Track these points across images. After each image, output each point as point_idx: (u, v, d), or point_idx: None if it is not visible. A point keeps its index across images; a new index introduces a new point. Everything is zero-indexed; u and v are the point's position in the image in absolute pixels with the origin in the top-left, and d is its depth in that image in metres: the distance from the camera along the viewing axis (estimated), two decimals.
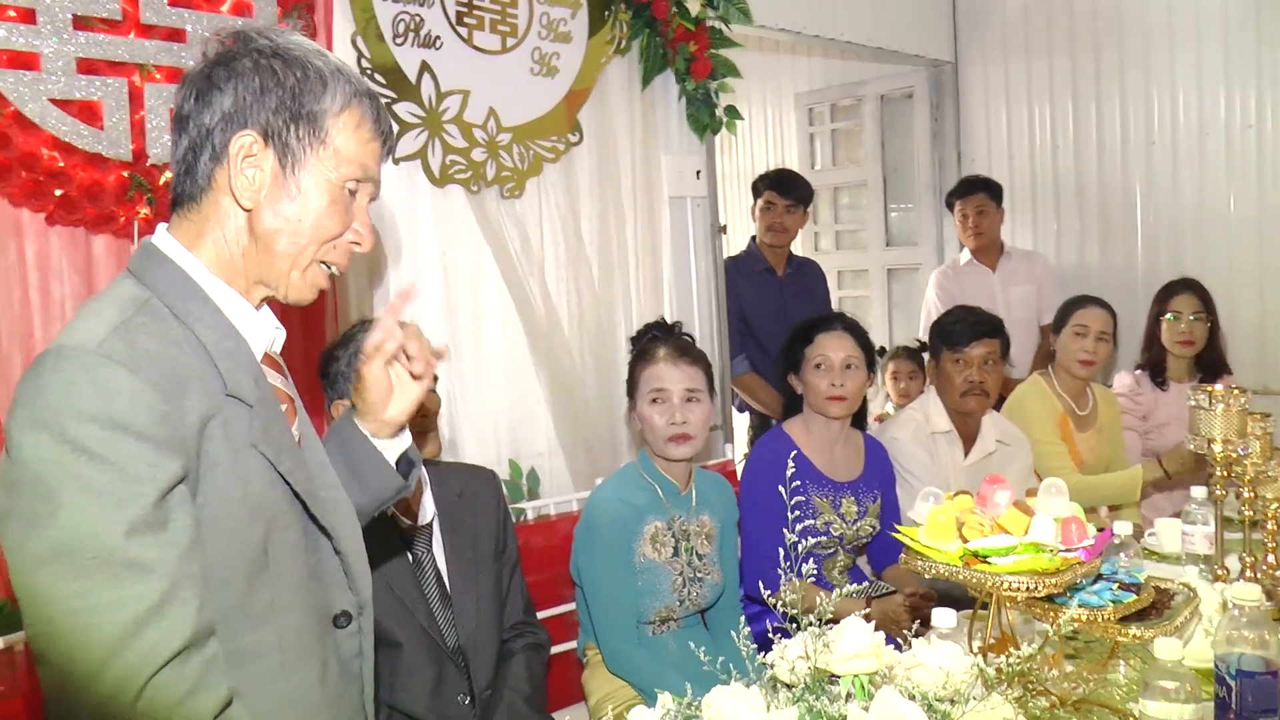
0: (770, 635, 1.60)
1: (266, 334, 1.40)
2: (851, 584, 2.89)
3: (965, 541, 1.68)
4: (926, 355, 4.16)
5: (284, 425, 1.37)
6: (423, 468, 2.33)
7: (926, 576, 1.72)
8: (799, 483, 2.76)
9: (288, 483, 1.34)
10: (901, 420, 3.19)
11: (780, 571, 1.56)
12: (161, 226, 1.37)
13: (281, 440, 1.34)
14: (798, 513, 1.56)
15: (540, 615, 2.58)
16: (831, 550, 2.80)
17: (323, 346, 2.68)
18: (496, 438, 3.26)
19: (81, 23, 2.31)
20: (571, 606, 2.77)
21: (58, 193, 2.29)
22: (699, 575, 2.52)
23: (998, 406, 3.41)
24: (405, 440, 1.64)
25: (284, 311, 2.60)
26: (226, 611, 1.26)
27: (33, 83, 2.25)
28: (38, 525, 1.13)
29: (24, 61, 2.25)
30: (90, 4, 2.33)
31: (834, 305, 5.76)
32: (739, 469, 3.35)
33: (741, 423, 4.53)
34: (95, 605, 1.12)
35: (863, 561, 3.01)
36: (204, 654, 1.19)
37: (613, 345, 3.51)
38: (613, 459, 3.44)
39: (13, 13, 2.24)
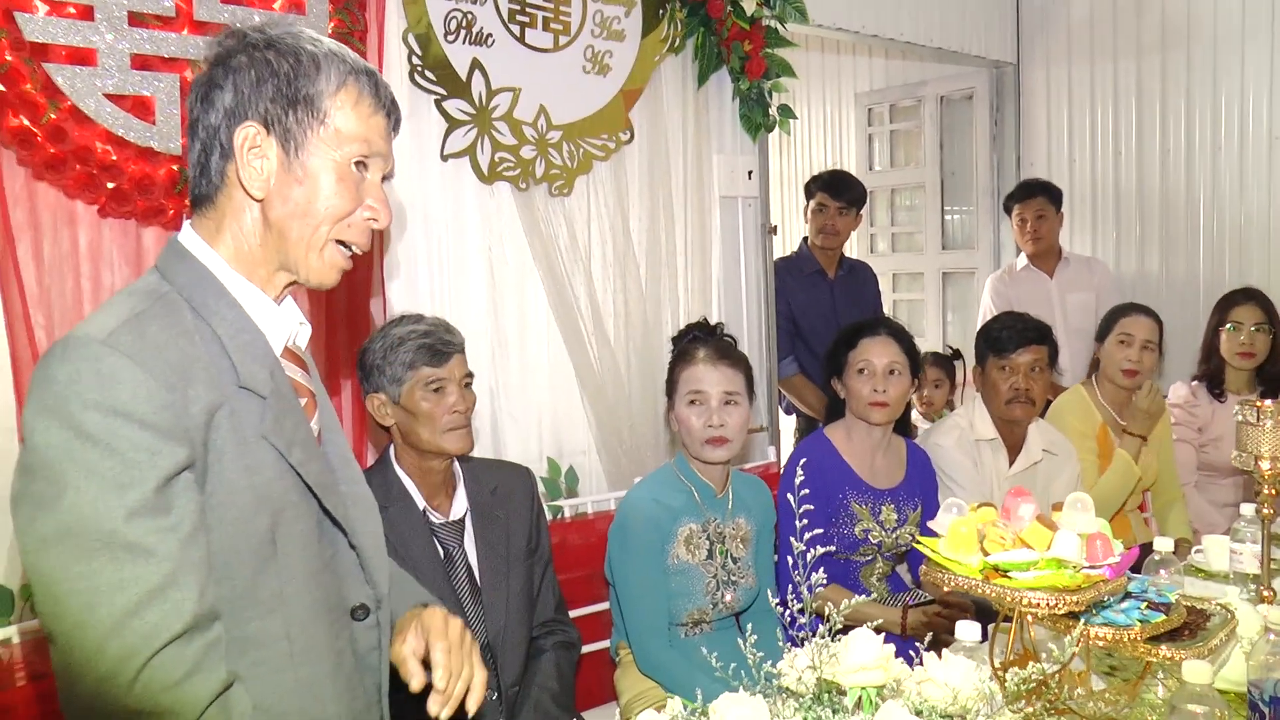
0: (780, 644, 1.59)
1: (286, 328, 1.42)
2: (891, 592, 2.87)
3: (986, 555, 1.65)
4: (958, 362, 4.12)
5: (300, 418, 1.40)
6: (456, 462, 2.36)
7: (945, 589, 1.70)
8: (839, 489, 2.75)
9: (299, 475, 1.36)
10: (946, 427, 3.16)
11: (796, 579, 1.56)
12: (186, 223, 1.41)
13: (295, 433, 1.37)
14: (805, 520, 1.55)
15: (575, 614, 2.60)
16: (870, 557, 2.78)
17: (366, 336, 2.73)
18: (539, 435, 3.27)
19: (137, 19, 2.36)
20: (605, 606, 2.78)
21: (110, 185, 2.34)
22: (733, 579, 2.52)
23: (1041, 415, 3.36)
24: None
25: (329, 302, 2.67)
26: (232, 599, 1.29)
27: (89, 78, 2.31)
28: (44, 508, 1.17)
29: (81, 57, 2.31)
30: (146, 1, 2.38)
31: (888, 308, 5.73)
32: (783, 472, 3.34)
33: (788, 425, 4.50)
34: (96, 586, 1.16)
35: (903, 569, 2.98)
36: (206, 638, 1.22)
37: (658, 345, 3.50)
38: (654, 459, 3.44)
39: (72, 9, 2.29)
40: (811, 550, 1.50)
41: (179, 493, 1.22)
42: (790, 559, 2.63)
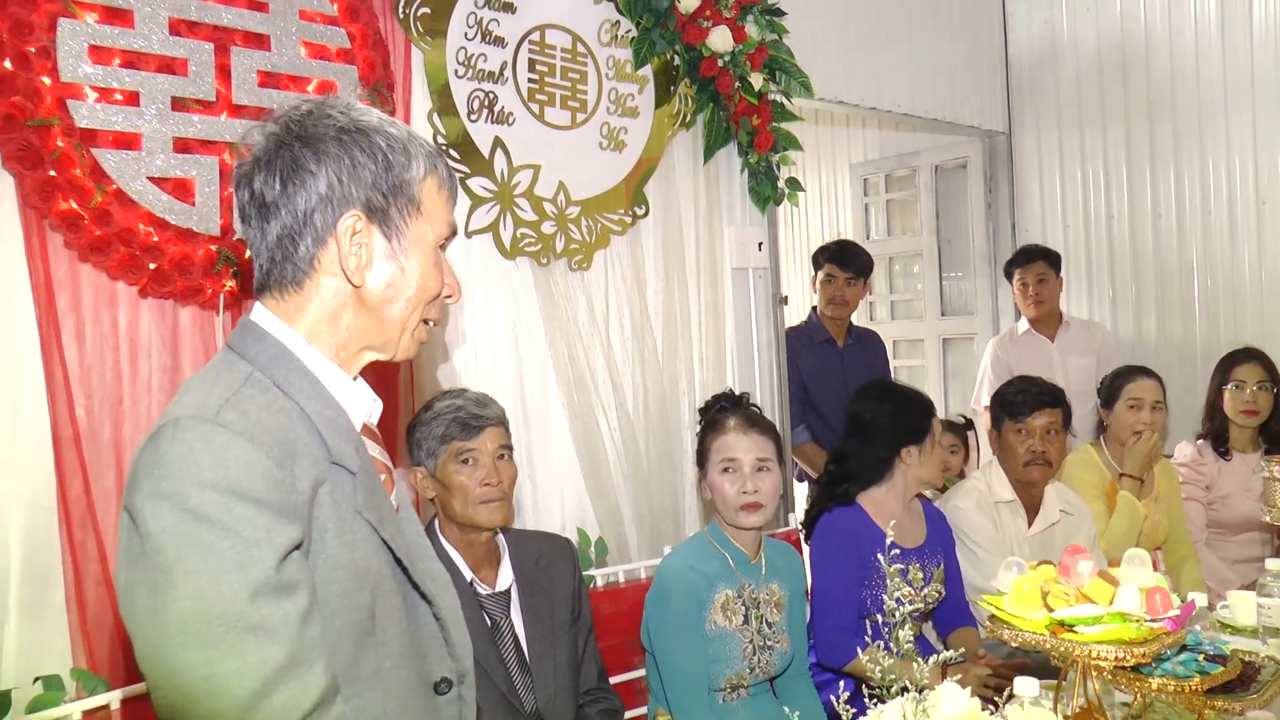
0: (839, 706, 1.61)
1: (364, 404, 1.44)
2: (920, 652, 2.88)
3: (1050, 610, 1.69)
4: (970, 431, 4.17)
5: (384, 493, 1.41)
6: (500, 534, 2.38)
7: (1013, 645, 1.73)
8: (871, 552, 2.77)
9: (390, 548, 1.36)
10: (964, 489, 3.20)
11: (867, 639, 1.58)
12: (258, 304, 1.41)
13: (382, 508, 1.38)
14: (871, 582, 1.57)
15: (613, 680, 2.59)
16: (901, 620, 2.80)
17: (396, 412, 2.76)
18: (563, 505, 3.29)
19: (179, 104, 2.42)
20: (640, 673, 2.78)
21: (152, 266, 2.38)
22: (768, 643, 2.53)
23: None
24: None
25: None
26: (337, 676, 1.28)
27: (134, 161, 2.36)
28: (161, 594, 1.16)
29: (126, 141, 2.36)
30: (188, 86, 2.44)
31: (891, 375, 5.79)
32: (802, 538, 3.35)
33: (800, 493, 4.52)
34: (224, 671, 1.15)
35: (928, 628, 3.00)
36: (331, 714, 1.22)
37: (675, 415, 3.55)
38: (675, 528, 3.47)
39: (119, 96, 2.35)
40: (902, 607, 1.52)
41: (294, 570, 1.22)
42: (831, 620, 2.69)
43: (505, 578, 2.34)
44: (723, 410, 2.64)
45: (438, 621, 1.47)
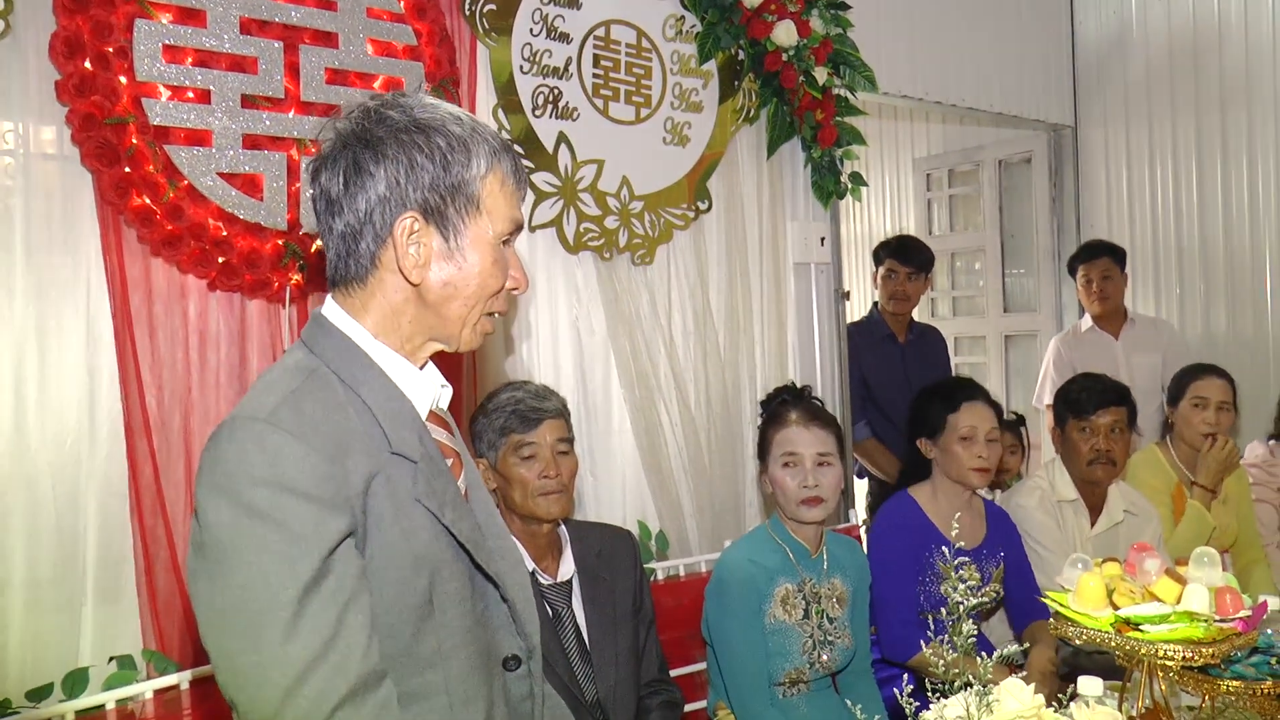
0: (902, 700, 1.60)
1: (430, 392, 1.47)
2: (980, 651, 2.86)
3: (1116, 608, 1.66)
4: (1023, 427, 4.11)
5: (448, 479, 1.44)
6: (562, 525, 2.40)
7: (1078, 642, 1.71)
8: (925, 548, 2.76)
9: (452, 534, 1.40)
10: (1027, 488, 3.16)
11: (928, 634, 1.57)
12: (329, 298, 1.45)
13: (445, 493, 1.41)
14: (925, 578, 1.56)
15: (675, 673, 2.61)
16: (956, 616, 2.78)
17: (460, 404, 2.79)
18: (624, 499, 3.31)
19: (249, 102, 2.47)
20: (701, 666, 2.79)
21: (220, 260, 2.43)
22: (829, 638, 2.52)
23: None
24: None
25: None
26: (395, 656, 1.34)
27: (204, 158, 2.41)
28: (216, 582, 1.23)
29: (198, 139, 2.41)
30: (258, 84, 2.49)
31: (952, 372, 5.73)
32: (862, 533, 3.34)
33: (860, 489, 4.50)
34: (267, 659, 1.21)
35: (986, 627, 2.98)
36: (377, 697, 1.26)
37: (737, 410, 3.55)
38: (736, 522, 3.47)
39: (191, 94, 2.40)
40: (964, 603, 1.52)
41: (340, 560, 1.26)
42: (894, 615, 2.68)
43: (567, 568, 2.36)
44: (784, 403, 2.63)
45: (505, 602, 1.50)
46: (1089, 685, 1.60)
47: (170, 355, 2.44)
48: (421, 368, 1.47)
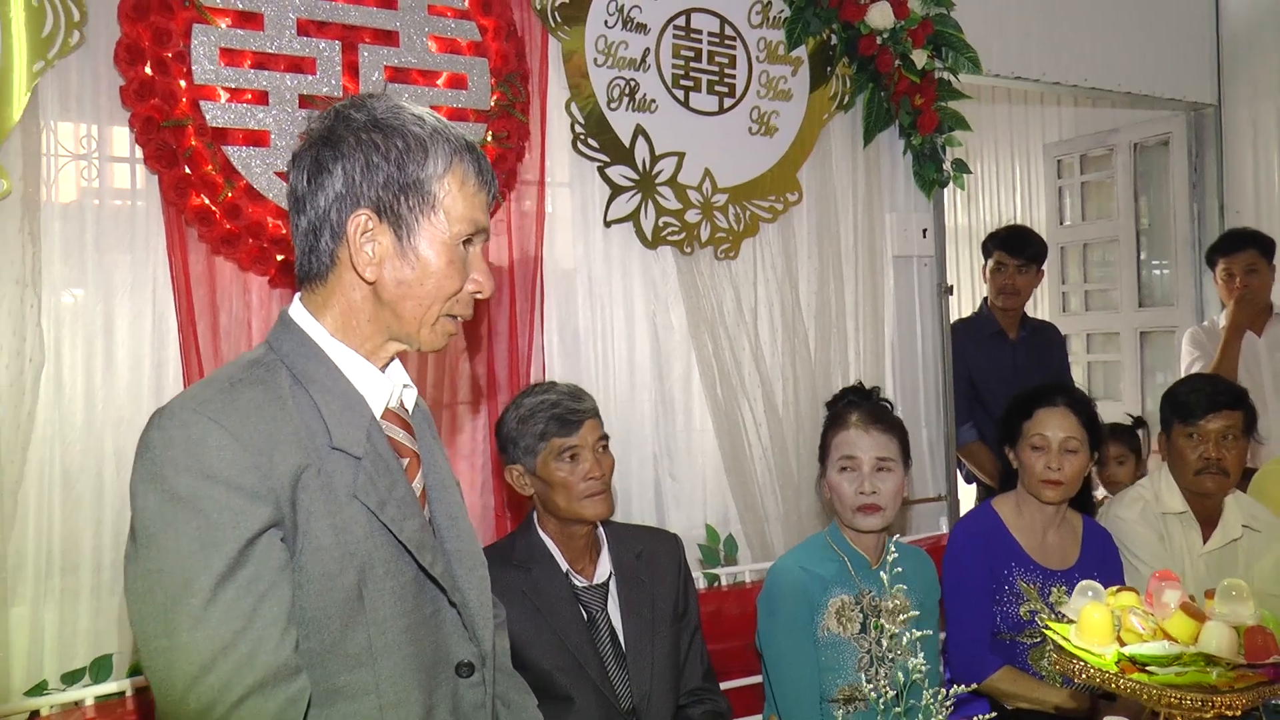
0: None
1: (386, 390, 1.46)
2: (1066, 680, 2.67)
3: (1122, 645, 1.50)
4: (1141, 431, 3.80)
5: (397, 478, 1.43)
6: (600, 527, 2.34)
7: (1078, 681, 1.55)
8: (1004, 565, 2.58)
9: (392, 533, 1.39)
10: (1128, 499, 2.89)
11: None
12: (296, 296, 1.47)
13: (390, 492, 1.40)
14: (1002, 596, 1.43)
15: (730, 684, 2.54)
16: (1039, 640, 2.59)
17: None
18: (704, 501, 3.23)
19: (306, 101, 2.48)
20: (761, 677, 2.69)
21: (279, 258, 2.46)
22: (889, 655, 2.38)
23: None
24: None
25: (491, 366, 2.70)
26: (321, 652, 1.34)
27: (262, 158, 2.43)
28: (139, 565, 1.25)
29: (255, 139, 2.44)
30: (316, 84, 2.50)
31: (1081, 371, 5.43)
32: None
33: (968, 495, 4.28)
34: (176, 643, 1.21)
35: None
36: (288, 690, 1.26)
37: None
38: (821, 528, 3.34)
39: (249, 95, 2.43)
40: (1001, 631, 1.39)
41: (261, 550, 1.26)
42: (965, 634, 2.52)
43: (604, 570, 2.31)
44: (849, 405, 2.51)
45: (454, 607, 1.48)
46: None
47: (232, 350, 2.49)
48: (384, 367, 1.48)
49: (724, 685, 2.52)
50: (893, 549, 1.69)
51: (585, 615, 2.23)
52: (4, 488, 2.25)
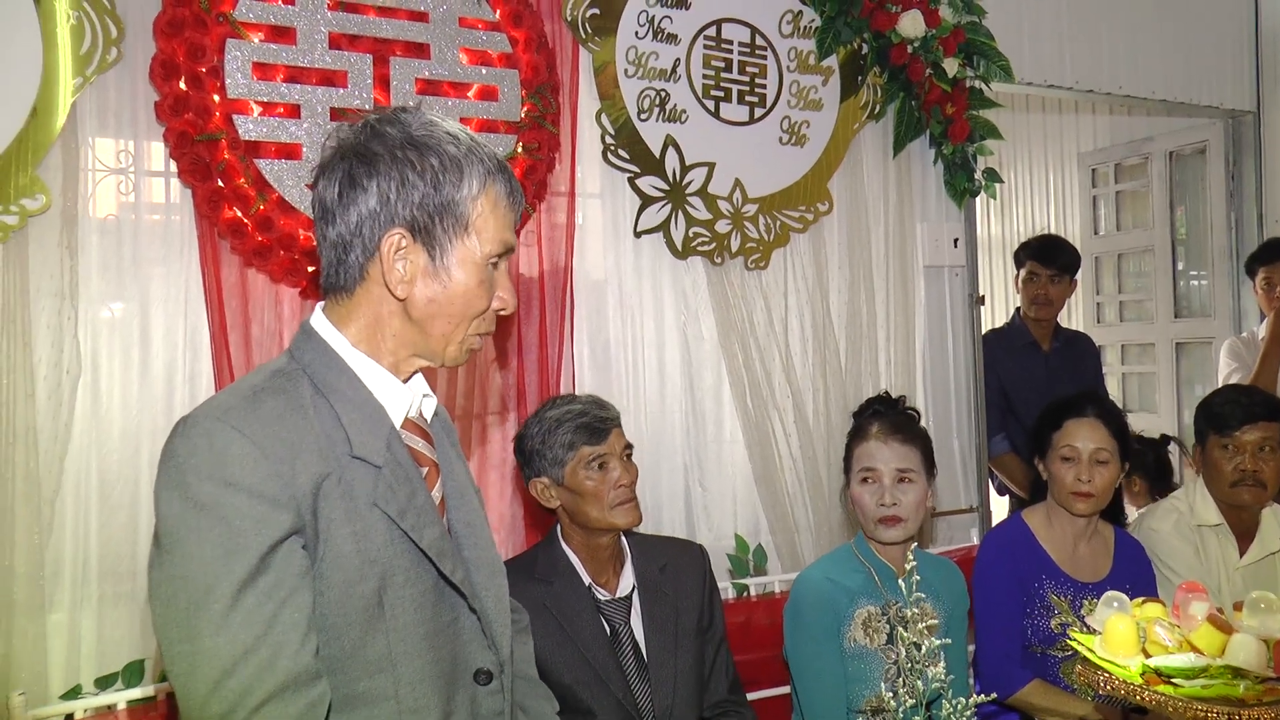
0: None
1: (406, 400, 1.48)
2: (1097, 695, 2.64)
3: (1147, 657, 1.48)
4: (1170, 450, 3.73)
5: (418, 487, 1.44)
6: (624, 539, 2.33)
7: (1102, 693, 1.53)
8: (1035, 578, 2.55)
9: (412, 540, 1.40)
10: (1162, 511, 2.87)
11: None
12: (318, 307, 1.48)
13: (410, 500, 1.41)
14: (1033, 610, 1.41)
15: (759, 695, 2.53)
16: (1070, 653, 2.57)
17: None
18: (735, 511, 3.22)
19: (338, 114, 2.50)
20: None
21: (310, 269, 2.47)
22: (917, 667, 2.37)
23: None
24: None
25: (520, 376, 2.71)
26: (341, 658, 1.35)
27: (294, 170, 2.46)
28: (162, 572, 1.27)
29: (287, 152, 2.47)
30: (347, 97, 2.52)
31: (1116, 382, 5.37)
32: None
33: (1000, 507, 4.24)
34: (199, 649, 1.23)
35: None
36: (308, 696, 1.27)
37: None
38: (851, 538, 3.33)
39: (281, 109, 2.46)
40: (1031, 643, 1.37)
41: (282, 557, 1.28)
42: (994, 648, 2.50)
43: (627, 583, 2.30)
44: (872, 416, 2.50)
45: (474, 613, 1.49)
46: None
47: (264, 361, 2.49)
48: (407, 380, 1.49)
49: (753, 696, 2.51)
50: (912, 557, 1.67)
51: (608, 628, 2.22)
52: (43, 496, 2.29)
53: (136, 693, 2.28)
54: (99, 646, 2.35)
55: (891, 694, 2.31)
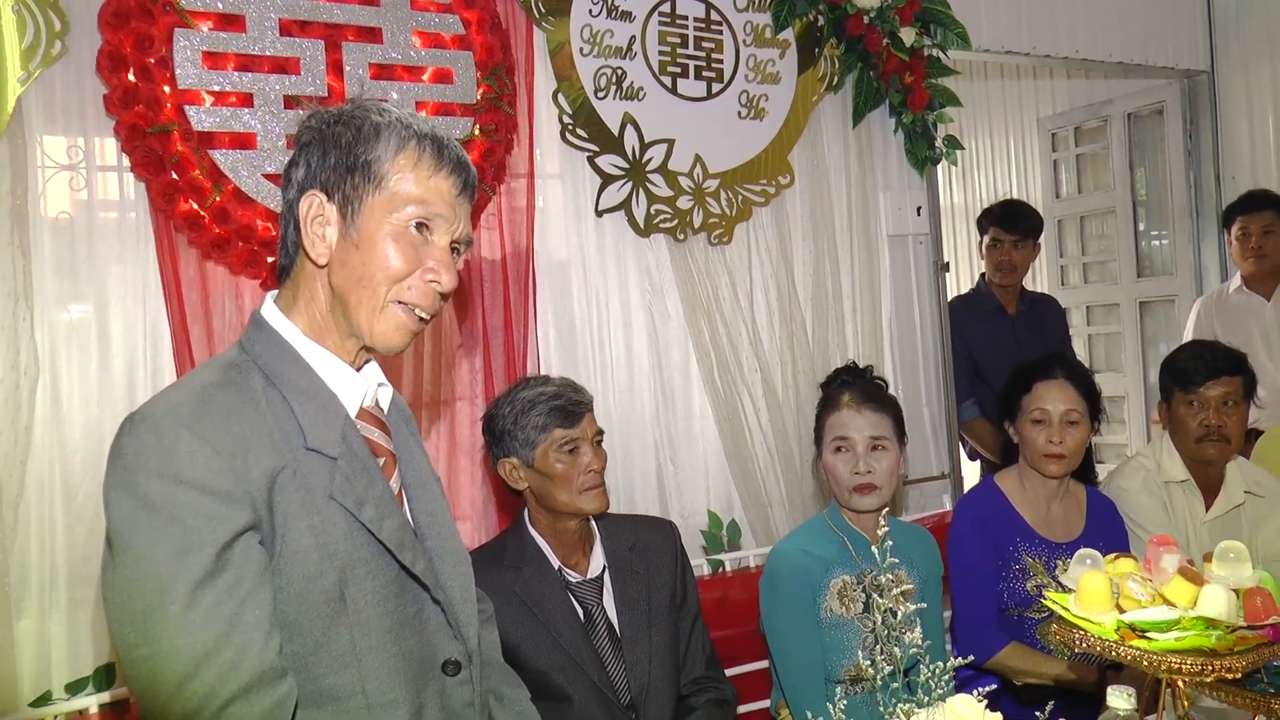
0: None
1: (360, 389, 1.46)
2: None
3: (1121, 612, 1.49)
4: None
5: (374, 477, 1.42)
6: (593, 520, 2.33)
7: (1078, 650, 1.54)
8: (1009, 541, 2.57)
9: (371, 532, 1.38)
10: (1130, 469, 2.88)
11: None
12: (269, 296, 1.47)
13: (368, 491, 1.39)
14: (1008, 573, 1.42)
15: (737, 670, 2.52)
16: (1047, 614, 2.59)
17: None
18: (708, 487, 3.23)
19: (292, 102, 2.47)
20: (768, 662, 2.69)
21: (270, 260, 2.44)
22: (894, 634, 2.38)
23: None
24: None
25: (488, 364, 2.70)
26: (305, 654, 1.33)
27: (249, 160, 2.43)
28: (116, 574, 1.24)
29: (242, 141, 2.43)
30: (300, 84, 2.49)
31: (1083, 343, 5.40)
32: None
33: (972, 472, 4.27)
34: (159, 651, 1.21)
35: None
36: (274, 694, 1.26)
37: None
38: (823, 509, 3.34)
39: (233, 98, 2.42)
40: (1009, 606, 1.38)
41: (239, 554, 1.26)
42: (969, 612, 2.51)
43: (597, 564, 2.28)
44: (842, 385, 2.49)
45: (437, 604, 1.48)
46: (1118, 697, 1.44)
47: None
48: (360, 368, 1.48)
49: (732, 671, 2.51)
50: (883, 523, 1.67)
51: (580, 611, 2.20)
52: (5, 501, 2.25)
53: (108, 696, 2.25)
54: (69, 651, 2.32)
55: (869, 662, 2.32)
